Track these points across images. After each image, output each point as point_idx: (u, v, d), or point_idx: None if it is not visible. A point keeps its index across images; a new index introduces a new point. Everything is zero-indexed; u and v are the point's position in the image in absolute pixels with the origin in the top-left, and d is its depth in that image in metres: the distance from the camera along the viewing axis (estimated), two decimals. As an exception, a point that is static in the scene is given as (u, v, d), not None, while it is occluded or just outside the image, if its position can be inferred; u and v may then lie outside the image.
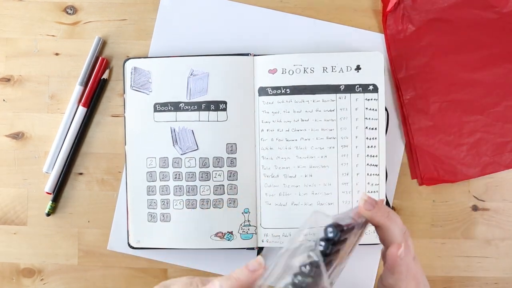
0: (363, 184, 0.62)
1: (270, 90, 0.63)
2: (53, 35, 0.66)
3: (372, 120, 0.62)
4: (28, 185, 0.66)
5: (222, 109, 0.63)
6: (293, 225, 0.62)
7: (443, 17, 0.64)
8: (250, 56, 0.63)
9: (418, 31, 0.64)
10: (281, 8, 0.65)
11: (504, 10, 0.64)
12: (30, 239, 0.66)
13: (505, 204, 0.64)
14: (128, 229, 0.63)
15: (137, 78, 0.63)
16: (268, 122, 0.63)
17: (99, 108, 0.66)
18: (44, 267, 0.66)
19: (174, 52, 0.65)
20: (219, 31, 0.65)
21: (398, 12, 0.64)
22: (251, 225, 0.63)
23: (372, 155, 0.62)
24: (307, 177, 0.62)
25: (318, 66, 0.62)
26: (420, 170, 0.64)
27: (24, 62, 0.66)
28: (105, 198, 0.65)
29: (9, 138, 0.66)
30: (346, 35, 0.65)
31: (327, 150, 0.62)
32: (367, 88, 0.62)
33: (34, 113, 0.66)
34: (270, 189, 0.63)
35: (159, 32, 0.65)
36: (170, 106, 0.63)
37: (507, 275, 0.64)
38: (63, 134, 0.65)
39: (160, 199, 0.63)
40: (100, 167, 0.65)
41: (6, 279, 0.66)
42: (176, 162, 0.63)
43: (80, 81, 0.65)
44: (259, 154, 0.63)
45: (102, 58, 0.65)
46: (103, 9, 0.66)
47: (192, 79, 0.63)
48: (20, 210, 0.66)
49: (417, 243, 0.64)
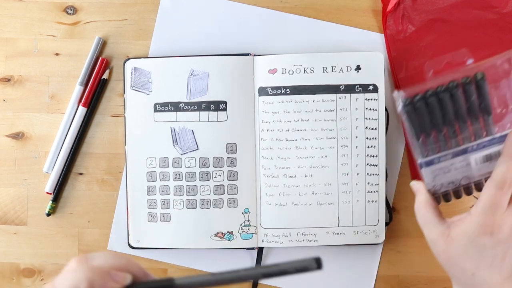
0: (363, 184, 0.62)
1: (270, 90, 0.63)
2: (53, 35, 0.66)
3: (372, 120, 0.62)
4: (28, 185, 0.66)
5: (222, 109, 0.63)
6: (293, 225, 0.62)
7: (443, 18, 0.64)
8: (250, 56, 0.63)
9: (418, 32, 0.64)
10: (281, 8, 0.65)
11: (504, 10, 0.64)
12: (30, 239, 0.66)
13: (505, 204, 0.64)
14: (128, 229, 0.63)
15: (137, 78, 0.63)
16: (268, 122, 0.63)
17: (99, 108, 0.66)
18: (44, 267, 0.66)
19: (174, 52, 0.65)
20: (219, 31, 0.65)
21: (398, 13, 0.64)
22: (251, 225, 0.63)
23: (372, 155, 0.62)
24: (307, 177, 0.62)
25: (318, 66, 0.62)
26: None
27: (24, 62, 0.66)
28: (105, 198, 0.65)
29: (9, 138, 0.66)
30: (346, 35, 0.65)
31: (327, 150, 0.62)
32: (367, 88, 0.62)
33: (34, 113, 0.66)
34: (270, 189, 0.63)
35: (159, 32, 0.65)
36: (170, 106, 0.63)
37: (507, 275, 0.64)
38: (63, 134, 0.65)
39: (160, 199, 0.63)
40: (100, 167, 0.65)
41: (6, 279, 0.66)
42: (176, 162, 0.63)
43: (80, 81, 0.65)
44: (259, 154, 0.63)
45: (102, 58, 0.65)
46: (103, 9, 0.66)
47: (192, 79, 0.63)
48: (20, 210, 0.66)
49: (417, 243, 0.64)
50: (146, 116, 0.63)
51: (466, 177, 0.51)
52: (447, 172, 0.51)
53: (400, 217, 0.65)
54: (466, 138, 0.50)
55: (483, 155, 0.50)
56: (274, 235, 0.63)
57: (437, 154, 0.50)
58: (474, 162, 0.50)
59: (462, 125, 0.49)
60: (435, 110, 0.48)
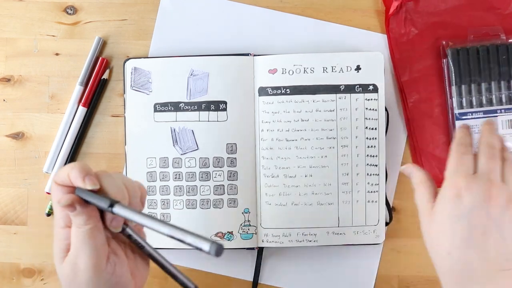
0: (363, 184, 0.62)
1: (270, 90, 0.63)
2: (53, 35, 0.66)
3: (372, 120, 0.62)
4: (28, 185, 0.66)
5: (222, 109, 0.63)
6: (293, 225, 0.62)
7: (446, 20, 0.64)
8: (250, 56, 0.63)
9: (421, 34, 0.64)
10: (281, 8, 0.65)
11: (506, 11, 0.63)
12: (30, 239, 0.66)
13: (505, 204, 0.64)
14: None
15: (137, 78, 0.63)
16: (268, 122, 0.63)
17: (99, 108, 0.66)
18: (44, 267, 0.66)
19: (174, 52, 0.65)
20: (219, 31, 0.65)
21: (401, 15, 0.64)
22: (251, 225, 0.63)
23: (372, 155, 0.62)
24: (307, 177, 0.62)
25: (318, 66, 0.62)
26: (425, 173, 0.64)
27: (24, 62, 0.66)
28: (105, 198, 0.65)
29: (9, 138, 0.66)
30: (346, 35, 0.65)
31: (327, 150, 0.62)
32: (367, 88, 0.62)
33: (34, 113, 0.66)
34: (270, 189, 0.63)
35: (159, 32, 0.65)
36: (170, 106, 0.63)
37: (507, 275, 0.64)
38: (63, 134, 0.65)
39: (160, 199, 0.63)
40: (100, 167, 0.65)
41: (6, 279, 0.66)
42: (176, 162, 0.63)
43: (80, 81, 0.65)
44: (259, 154, 0.63)
45: (102, 58, 0.65)
46: (103, 9, 0.66)
47: (192, 79, 0.63)
48: (20, 210, 0.66)
49: (417, 243, 0.64)
50: (146, 116, 0.63)
51: None
52: (477, 132, 0.60)
53: (400, 217, 0.65)
54: (499, 101, 0.61)
55: (510, 118, 0.59)
56: (274, 235, 0.63)
57: (471, 109, 0.61)
58: (501, 125, 0.59)
59: (496, 85, 0.61)
60: (474, 64, 0.61)
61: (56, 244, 0.42)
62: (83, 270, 0.41)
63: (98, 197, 0.40)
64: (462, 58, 0.61)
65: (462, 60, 0.61)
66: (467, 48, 0.62)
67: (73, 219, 0.41)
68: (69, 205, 0.39)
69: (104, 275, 0.41)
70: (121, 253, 0.44)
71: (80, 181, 0.40)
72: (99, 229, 0.41)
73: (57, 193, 0.41)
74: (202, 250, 0.37)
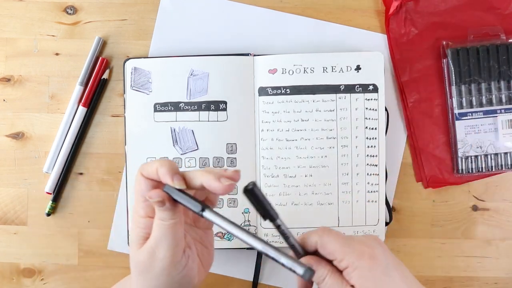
0: (363, 184, 0.62)
1: (270, 90, 0.63)
2: (53, 35, 0.66)
3: (372, 120, 0.62)
4: (28, 185, 0.66)
5: (222, 109, 0.63)
6: (293, 225, 0.62)
7: (446, 20, 0.64)
8: (250, 56, 0.63)
9: (421, 34, 0.64)
10: (281, 8, 0.65)
11: (506, 11, 0.63)
12: (30, 239, 0.66)
13: (505, 204, 0.64)
14: (128, 229, 0.63)
15: (137, 78, 0.63)
16: (268, 122, 0.63)
17: (99, 108, 0.66)
18: (44, 267, 0.66)
19: (174, 52, 0.65)
20: (219, 31, 0.65)
21: (401, 15, 0.64)
22: (251, 225, 0.63)
23: (372, 155, 0.62)
24: (307, 177, 0.62)
25: (318, 66, 0.62)
26: (425, 173, 0.64)
27: (24, 62, 0.66)
28: (105, 198, 0.65)
29: (9, 138, 0.66)
30: (346, 35, 0.65)
31: (327, 150, 0.62)
32: (367, 88, 0.62)
33: (34, 113, 0.66)
34: (270, 189, 0.63)
35: (159, 32, 0.65)
36: (170, 106, 0.63)
37: (507, 275, 0.64)
38: (63, 134, 0.65)
39: (160, 199, 0.63)
40: (100, 167, 0.65)
41: (6, 279, 0.66)
42: (176, 162, 0.63)
43: (80, 81, 0.65)
44: (259, 154, 0.63)
45: (102, 58, 0.65)
46: (103, 9, 0.66)
47: (192, 79, 0.63)
48: (20, 210, 0.66)
49: (417, 243, 0.64)
50: (146, 116, 0.63)
51: (493, 145, 0.61)
52: (477, 132, 0.61)
53: (400, 217, 0.65)
54: (498, 101, 0.61)
55: (510, 118, 0.60)
56: (274, 235, 0.63)
57: (471, 109, 0.61)
58: (501, 125, 0.60)
59: (496, 85, 0.61)
60: (474, 64, 0.61)
61: (135, 231, 0.43)
62: (160, 260, 0.41)
63: (189, 199, 0.40)
64: (462, 58, 0.62)
65: (462, 60, 0.62)
66: (467, 48, 0.62)
67: (159, 213, 0.41)
68: (160, 201, 0.40)
69: (178, 267, 0.42)
70: (194, 248, 0.45)
71: (169, 178, 0.40)
72: (181, 223, 0.42)
73: (141, 185, 0.42)
74: (296, 273, 0.38)
